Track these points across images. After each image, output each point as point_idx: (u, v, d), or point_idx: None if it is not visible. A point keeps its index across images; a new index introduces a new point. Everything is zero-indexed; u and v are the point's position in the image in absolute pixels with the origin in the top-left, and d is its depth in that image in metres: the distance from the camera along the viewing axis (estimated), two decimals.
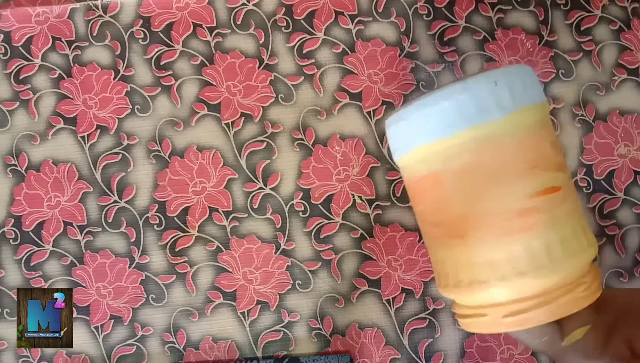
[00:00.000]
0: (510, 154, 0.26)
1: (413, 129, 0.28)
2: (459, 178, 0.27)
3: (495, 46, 0.40)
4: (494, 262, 0.26)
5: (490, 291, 0.26)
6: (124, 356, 0.38)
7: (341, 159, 0.39)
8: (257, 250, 0.39)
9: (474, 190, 0.26)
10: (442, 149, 0.27)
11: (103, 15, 0.41)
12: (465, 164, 0.26)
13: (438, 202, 0.28)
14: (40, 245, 0.39)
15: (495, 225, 0.26)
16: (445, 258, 0.28)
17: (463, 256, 0.27)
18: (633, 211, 0.39)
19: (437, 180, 0.27)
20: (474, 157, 0.26)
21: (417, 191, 0.29)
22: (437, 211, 0.28)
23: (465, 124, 0.26)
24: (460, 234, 0.27)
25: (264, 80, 0.40)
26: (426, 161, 0.27)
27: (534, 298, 0.26)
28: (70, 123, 0.40)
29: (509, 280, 0.26)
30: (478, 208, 0.26)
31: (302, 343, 0.38)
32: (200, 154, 0.39)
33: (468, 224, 0.26)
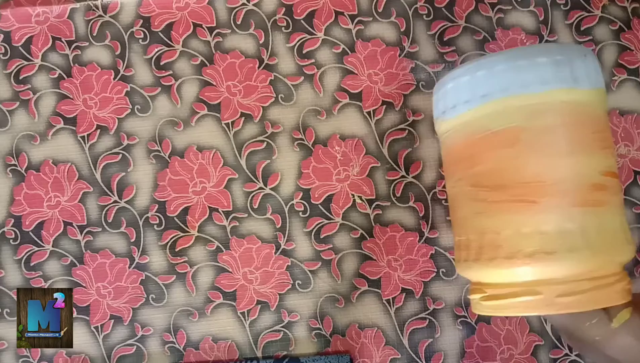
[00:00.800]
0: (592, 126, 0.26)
1: (498, 80, 0.26)
2: (541, 137, 0.25)
3: (495, 45, 0.40)
4: (565, 232, 0.25)
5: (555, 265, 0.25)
6: (124, 356, 0.38)
7: (341, 159, 0.39)
8: (257, 250, 0.39)
9: (554, 153, 0.25)
10: (529, 105, 0.26)
11: (103, 15, 0.41)
12: (549, 125, 0.26)
13: (509, 161, 0.26)
14: (40, 245, 0.39)
15: (571, 193, 0.25)
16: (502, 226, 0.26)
17: (529, 223, 0.25)
18: (633, 211, 0.39)
19: (515, 137, 0.26)
20: (560, 120, 0.25)
21: (479, 150, 0.27)
22: (505, 171, 0.26)
23: (559, 84, 0.25)
24: (532, 198, 0.25)
25: (264, 80, 0.40)
26: (506, 115, 0.26)
27: (592, 280, 0.25)
28: (70, 123, 0.40)
29: (579, 252, 0.24)
30: (556, 174, 0.25)
31: (302, 343, 0.38)
32: (200, 154, 0.39)
33: (542, 188, 0.25)
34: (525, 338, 0.38)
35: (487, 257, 0.27)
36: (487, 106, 0.27)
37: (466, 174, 0.28)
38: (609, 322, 0.26)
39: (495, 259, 0.26)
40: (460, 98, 0.28)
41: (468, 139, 0.28)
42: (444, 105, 0.29)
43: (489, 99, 0.26)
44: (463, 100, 0.28)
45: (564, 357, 0.37)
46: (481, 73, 0.27)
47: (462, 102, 0.28)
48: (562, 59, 0.26)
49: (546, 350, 0.37)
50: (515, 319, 0.38)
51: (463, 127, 0.28)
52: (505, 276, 0.27)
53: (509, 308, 0.26)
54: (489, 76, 0.27)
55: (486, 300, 0.27)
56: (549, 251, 0.25)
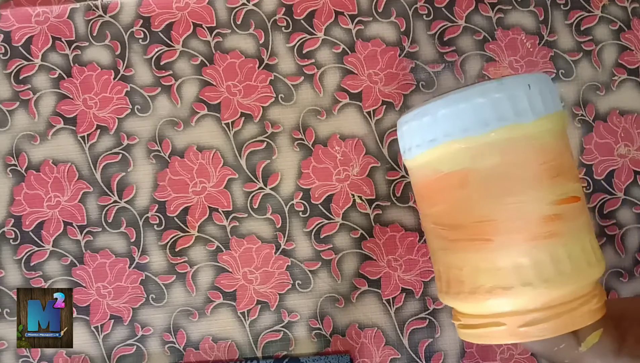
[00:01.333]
0: (539, 158, 0.26)
1: (441, 125, 0.27)
2: (488, 177, 0.26)
3: (495, 45, 0.40)
4: (519, 267, 0.25)
5: (511, 298, 0.26)
6: (124, 356, 0.38)
7: (341, 159, 0.39)
8: (257, 250, 0.39)
9: (503, 192, 0.26)
10: (473, 147, 0.26)
11: (103, 15, 0.41)
12: (495, 164, 0.26)
13: (461, 202, 0.27)
14: (40, 245, 0.39)
15: (522, 229, 0.25)
16: (463, 263, 0.27)
17: (485, 260, 0.26)
18: (633, 211, 0.39)
19: (463, 179, 0.26)
20: (505, 158, 0.26)
21: (435, 191, 0.28)
22: (459, 212, 0.27)
23: (500, 123, 0.26)
24: (485, 237, 0.26)
25: (264, 80, 0.40)
26: (453, 158, 0.27)
27: (552, 308, 0.26)
28: (70, 123, 0.40)
29: (534, 287, 0.25)
30: (505, 212, 0.26)
31: (302, 343, 0.38)
32: (200, 154, 0.39)
33: (494, 227, 0.26)
34: None
35: (454, 291, 0.28)
36: (435, 150, 0.27)
37: (428, 213, 0.29)
38: (576, 345, 0.26)
39: (460, 293, 0.27)
40: (413, 142, 0.29)
41: (424, 180, 0.29)
42: (402, 146, 0.30)
43: (435, 143, 0.27)
44: (415, 144, 0.28)
45: None
46: (426, 119, 0.27)
47: (414, 145, 0.28)
48: (501, 96, 0.26)
49: None
50: None
51: (419, 168, 0.29)
52: (472, 309, 0.28)
53: (479, 337, 0.27)
54: (433, 121, 0.27)
55: (462, 328, 0.29)
56: (506, 287, 0.26)
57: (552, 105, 0.27)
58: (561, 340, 0.26)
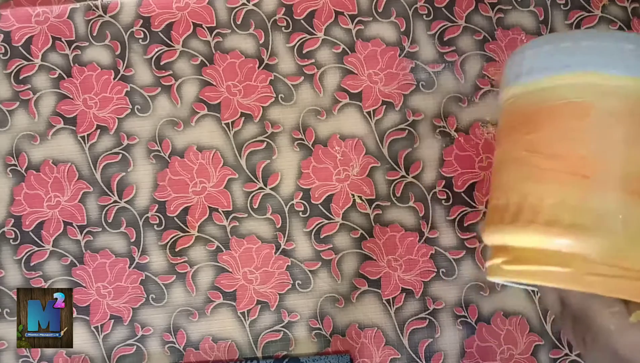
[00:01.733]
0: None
1: (582, 54, 0.26)
2: (611, 119, 0.26)
3: (495, 45, 0.40)
4: (608, 214, 0.25)
5: (590, 242, 0.25)
6: (124, 356, 0.38)
7: (341, 159, 0.39)
8: (257, 250, 0.39)
9: (618, 139, 0.25)
10: (609, 85, 0.26)
11: (103, 15, 0.41)
12: (622, 110, 0.26)
13: (574, 133, 0.26)
14: (40, 245, 0.39)
15: (625, 180, 0.25)
16: (546, 195, 0.26)
17: (576, 196, 0.25)
18: None
19: (586, 111, 0.26)
20: (632, 108, 0.26)
21: (546, 117, 0.27)
22: (566, 141, 0.26)
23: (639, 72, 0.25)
24: (585, 173, 0.25)
25: (264, 80, 0.40)
26: (583, 88, 0.26)
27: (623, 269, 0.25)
28: (70, 123, 0.40)
29: (617, 238, 0.24)
30: (615, 157, 0.25)
31: (302, 343, 0.38)
32: (200, 154, 0.39)
33: (599, 166, 0.25)
34: (525, 338, 0.38)
35: (525, 220, 0.26)
36: (565, 77, 0.27)
37: (524, 139, 0.28)
38: (627, 315, 0.26)
39: (533, 223, 0.26)
40: (539, 65, 0.28)
41: (537, 105, 0.28)
42: (518, 70, 0.29)
43: (569, 70, 0.27)
44: (542, 66, 0.28)
45: (564, 357, 0.37)
46: (565, 45, 0.27)
47: (540, 68, 0.28)
48: None
49: (546, 350, 0.37)
50: (515, 319, 0.38)
51: (534, 93, 0.28)
52: (539, 242, 0.26)
53: (534, 275, 0.26)
54: (574, 48, 0.27)
55: (509, 264, 0.27)
56: (588, 228, 0.25)
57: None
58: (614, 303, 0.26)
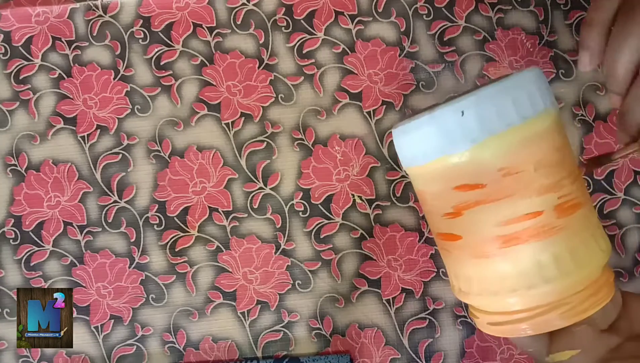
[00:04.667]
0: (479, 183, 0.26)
1: (403, 151, 0.29)
2: (436, 200, 0.28)
3: (495, 45, 0.40)
4: (468, 279, 0.27)
5: (470, 301, 0.28)
6: (124, 356, 0.38)
7: (341, 159, 0.39)
8: (257, 250, 0.39)
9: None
10: (422, 174, 0.28)
11: (103, 15, 0.41)
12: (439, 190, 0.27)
13: (428, 215, 0.29)
14: (40, 245, 0.39)
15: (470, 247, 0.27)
16: (445, 264, 0.30)
17: (450, 267, 0.29)
18: (633, 211, 0.38)
19: (423, 198, 0.29)
20: (446, 185, 0.27)
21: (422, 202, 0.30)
22: (430, 223, 0.29)
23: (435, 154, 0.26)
24: (446, 248, 0.28)
25: (264, 80, 0.40)
26: (414, 179, 0.29)
27: (512, 313, 0.26)
28: (70, 123, 0.40)
29: (483, 296, 0.27)
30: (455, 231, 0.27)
31: (302, 343, 0.38)
32: (200, 154, 0.39)
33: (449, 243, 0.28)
34: None
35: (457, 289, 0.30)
36: (407, 170, 0.29)
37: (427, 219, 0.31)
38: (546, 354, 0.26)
39: (454, 287, 0.30)
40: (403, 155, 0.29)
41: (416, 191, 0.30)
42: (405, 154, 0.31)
43: (404, 166, 0.29)
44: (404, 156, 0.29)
45: None
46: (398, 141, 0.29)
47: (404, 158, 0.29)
48: (433, 130, 0.26)
49: None
50: None
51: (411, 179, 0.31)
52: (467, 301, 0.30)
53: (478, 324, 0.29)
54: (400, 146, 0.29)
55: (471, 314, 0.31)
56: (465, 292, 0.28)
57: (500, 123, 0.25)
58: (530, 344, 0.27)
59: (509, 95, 0.25)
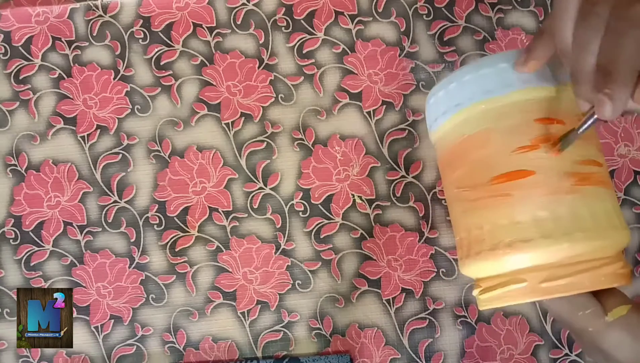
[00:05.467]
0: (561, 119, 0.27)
1: (467, 89, 0.28)
2: (509, 135, 0.27)
3: (495, 45, 0.40)
4: (539, 220, 0.26)
5: (531, 252, 0.26)
6: (124, 356, 0.38)
7: (341, 159, 0.39)
8: (257, 250, 0.39)
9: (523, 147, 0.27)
10: (496, 107, 0.27)
11: (103, 15, 0.41)
12: (516, 123, 0.27)
13: (483, 161, 0.28)
14: (40, 245, 0.39)
15: (542, 184, 0.26)
16: (484, 221, 0.27)
17: (505, 216, 0.27)
18: (633, 211, 0.38)
19: (486, 138, 0.28)
20: (526, 116, 0.27)
21: (457, 155, 0.29)
22: (480, 170, 0.28)
23: (523, 85, 0.27)
24: (505, 192, 0.27)
25: (264, 80, 0.40)
26: (476, 120, 0.28)
27: (575, 265, 0.26)
28: (70, 123, 0.40)
29: (554, 239, 0.25)
30: (526, 165, 0.26)
31: (302, 343, 0.38)
32: (200, 154, 0.39)
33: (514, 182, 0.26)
34: (525, 338, 0.38)
35: (475, 252, 0.28)
36: (460, 114, 0.29)
37: (452, 178, 0.30)
38: (603, 314, 0.26)
39: (481, 252, 0.28)
40: (440, 110, 0.30)
41: (449, 146, 0.30)
42: (429, 119, 0.32)
43: (461, 107, 0.29)
44: (442, 112, 0.30)
45: (564, 357, 0.37)
46: (453, 85, 0.29)
47: (440, 114, 0.30)
48: None
49: (546, 350, 0.37)
50: (515, 319, 0.38)
51: (445, 136, 0.30)
52: (493, 269, 0.28)
53: (501, 298, 0.28)
54: (459, 87, 0.29)
55: (482, 294, 0.29)
56: (526, 239, 0.26)
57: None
58: (587, 305, 0.26)
59: None
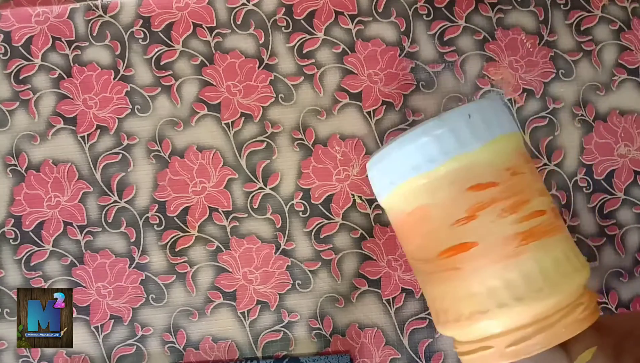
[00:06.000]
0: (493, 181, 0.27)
1: (395, 167, 0.28)
2: (447, 209, 0.27)
3: (495, 45, 0.40)
4: (492, 290, 0.26)
5: (492, 321, 0.26)
6: (124, 356, 0.38)
7: (341, 159, 0.39)
8: (257, 250, 0.39)
9: None
10: (427, 182, 0.27)
11: (103, 15, 0.41)
12: (450, 195, 0.27)
13: (428, 236, 0.28)
14: (40, 245, 0.39)
15: (488, 252, 0.26)
16: (443, 294, 0.28)
17: (461, 287, 0.27)
18: (633, 211, 0.39)
19: (425, 214, 0.28)
20: (458, 186, 0.27)
21: (405, 230, 0.29)
22: (427, 246, 0.28)
23: (446, 157, 0.27)
24: (455, 266, 0.27)
25: (264, 80, 0.40)
26: (412, 196, 0.28)
27: (535, 324, 0.26)
28: (70, 123, 0.40)
29: (509, 307, 0.26)
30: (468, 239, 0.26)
31: (302, 343, 0.38)
32: (200, 154, 0.39)
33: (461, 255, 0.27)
34: None
35: (442, 321, 0.29)
36: (396, 191, 0.29)
37: (406, 250, 0.30)
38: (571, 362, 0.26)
39: (447, 323, 0.28)
40: (378, 186, 0.30)
41: (397, 219, 0.30)
42: (375, 191, 0.32)
43: (394, 185, 0.29)
44: (379, 189, 0.30)
45: None
46: (382, 164, 0.29)
47: (380, 190, 0.30)
48: (443, 131, 0.27)
49: None
50: None
51: (390, 211, 0.31)
52: (462, 335, 0.29)
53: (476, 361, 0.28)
54: (389, 164, 0.29)
55: (460, 355, 0.29)
56: (483, 311, 0.26)
57: (499, 129, 0.27)
58: (553, 358, 0.26)
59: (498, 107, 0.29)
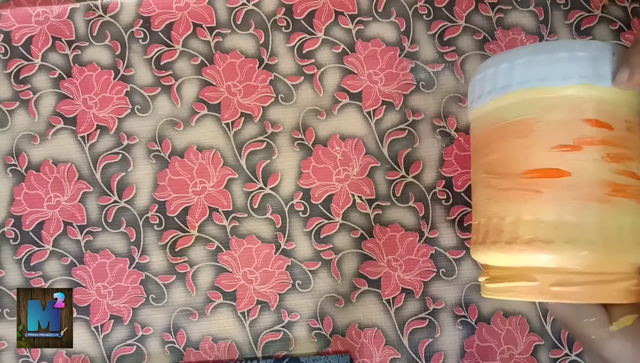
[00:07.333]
0: (610, 123, 0.26)
1: (519, 72, 0.27)
2: (554, 130, 0.26)
3: (495, 45, 0.40)
4: (564, 224, 0.25)
5: (549, 254, 0.25)
6: (124, 356, 0.38)
7: (341, 159, 0.39)
8: (257, 250, 0.39)
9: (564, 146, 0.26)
10: (547, 98, 0.26)
11: (103, 15, 0.41)
12: (564, 119, 0.26)
13: (519, 151, 0.27)
14: (40, 245, 0.39)
15: (576, 188, 0.25)
16: (507, 213, 0.27)
17: (531, 211, 0.26)
18: None
19: (528, 128, 0.26)
20: (575, 114, 0.26)
21: (491, 140, 0.28)
22: (515, 160, 0.27)
23: (580, 80, 0.26)
24: (537, 188, 0.26)
25: (264, 80, 0.40)
26: (522, 106, 0.27)
27: (589, 275, 0.25)
28: (70, 123, 0.40)
29: (576, 245, 0.25)
30: (563, 165, 0.25)
31: (302, 343, 0.38)
32: (200, 154, 0.39)
33: (548, 180, 0.26)
34: (525, 338, 0.38)
35: (491, 241, 0.27)
36: (506, 97, 0.27)
37: (482, 162, 0.29)
38: (608, 323, 0.25)
39: (497, 243, 0.27)
40: (485, 89, 0.29)
41: (487, 128, 0.29)
42: (472, 95, 0.30)
43: (508, 90, 0.27)
44: (487, 91, 0.29)
45: (564, 357, 0.37)
46: (504, 66, 0.28)
47: (486, 92, 0.29)
48: (585, 55, 0.26)
49: (546, 350, 0.37)
50: (515, 319, 0.38)
51: (485, 116, 0.29)
52: (505, 260, 0.27)
53: (506, 291, 0.27)
54: (510, 68, 0.27)
55: (488, 283, 0.28)
56: (547, 241, 0.25)
57: None
58: (593, 312, 0.25)
59: None
